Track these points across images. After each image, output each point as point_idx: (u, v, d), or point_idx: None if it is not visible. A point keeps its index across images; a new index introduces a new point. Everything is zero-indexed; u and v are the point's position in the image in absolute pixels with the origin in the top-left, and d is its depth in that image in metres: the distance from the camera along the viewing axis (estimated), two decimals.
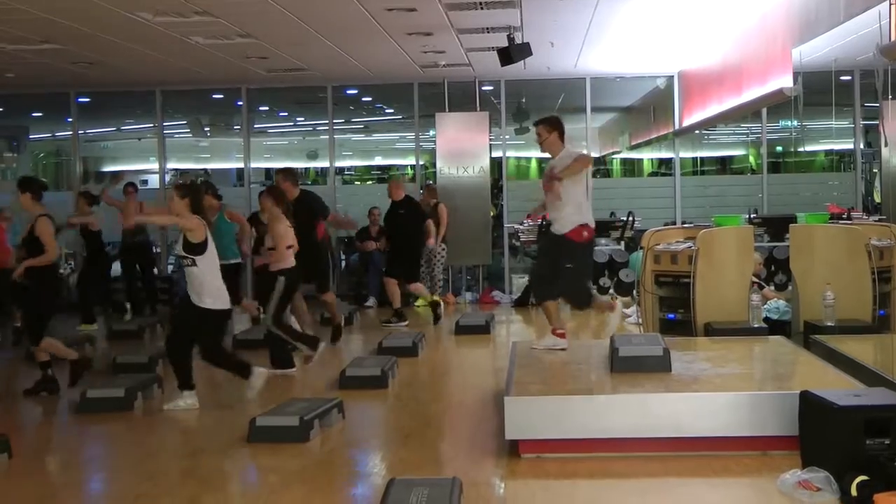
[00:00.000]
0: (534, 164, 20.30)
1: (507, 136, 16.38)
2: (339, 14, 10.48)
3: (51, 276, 8.68)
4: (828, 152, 17.44)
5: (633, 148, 19.50)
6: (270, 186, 10.11)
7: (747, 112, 12.79)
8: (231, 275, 9.38)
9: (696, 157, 18.30)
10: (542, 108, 17.48)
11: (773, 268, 11.99)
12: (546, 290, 8.11)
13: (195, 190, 7.99)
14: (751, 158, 17.56)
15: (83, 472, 6.57)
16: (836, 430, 5.16)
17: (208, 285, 7.68)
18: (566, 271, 7.85)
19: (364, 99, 18.03)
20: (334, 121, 16.57)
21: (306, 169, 19.78)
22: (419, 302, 13.88)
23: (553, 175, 7.67)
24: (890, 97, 8.01)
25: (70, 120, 16.59)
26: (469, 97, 15.71)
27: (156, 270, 15.16)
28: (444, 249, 14.41)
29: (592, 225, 7.91)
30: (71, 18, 10.17)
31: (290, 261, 9.17)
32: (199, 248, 7.62)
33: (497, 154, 16.19)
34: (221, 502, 5.70)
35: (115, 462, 6.74)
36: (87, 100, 16.65)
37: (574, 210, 7.76)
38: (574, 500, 5.39)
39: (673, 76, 15.90)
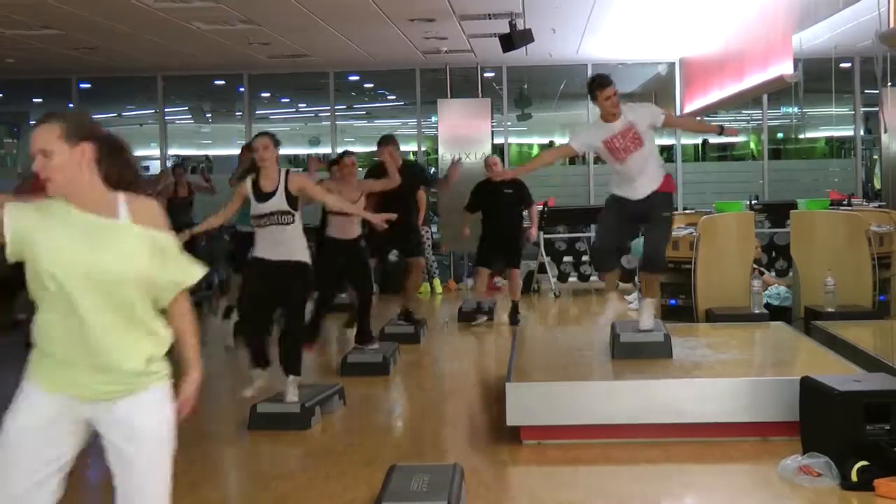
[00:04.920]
0: (535, 151, 20.28)
1: (508, 123, 16.37)
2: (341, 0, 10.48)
3: None
4: (828, 139, 17.45)
5: None
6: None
7: (748, 98, 12.79)
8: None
9: (698, 144, 18.30)
10: (544, 94, 17.48)
11: (773, 254, 12.04)
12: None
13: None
14: (752, 145, 17.56)
15: (78, 458, 6.56)
16: (837, 415, 5.17)
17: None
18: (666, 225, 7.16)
19: (366, 85, 18.00)
20: (336, 107, 16.57)
21: (308, 155, 19.76)
22: (422, 289, 13.85)
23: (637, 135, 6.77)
24: (889, 84, 8.02)
25: (71, 106, 16.53)
26: (471, 83, 15.69)
27: None
28: (426, 233, 13.29)
29: None
30: (70, 3, 10.14)
31: None
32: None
33: (499, 140, 16.16)
34: (222, 489, 5.72)
35: None
36: (88, 85, 16.65)
37: (656, 162, 7.09)
38: (575, 486, 5.40)
39: (674, 63, 15.88)
